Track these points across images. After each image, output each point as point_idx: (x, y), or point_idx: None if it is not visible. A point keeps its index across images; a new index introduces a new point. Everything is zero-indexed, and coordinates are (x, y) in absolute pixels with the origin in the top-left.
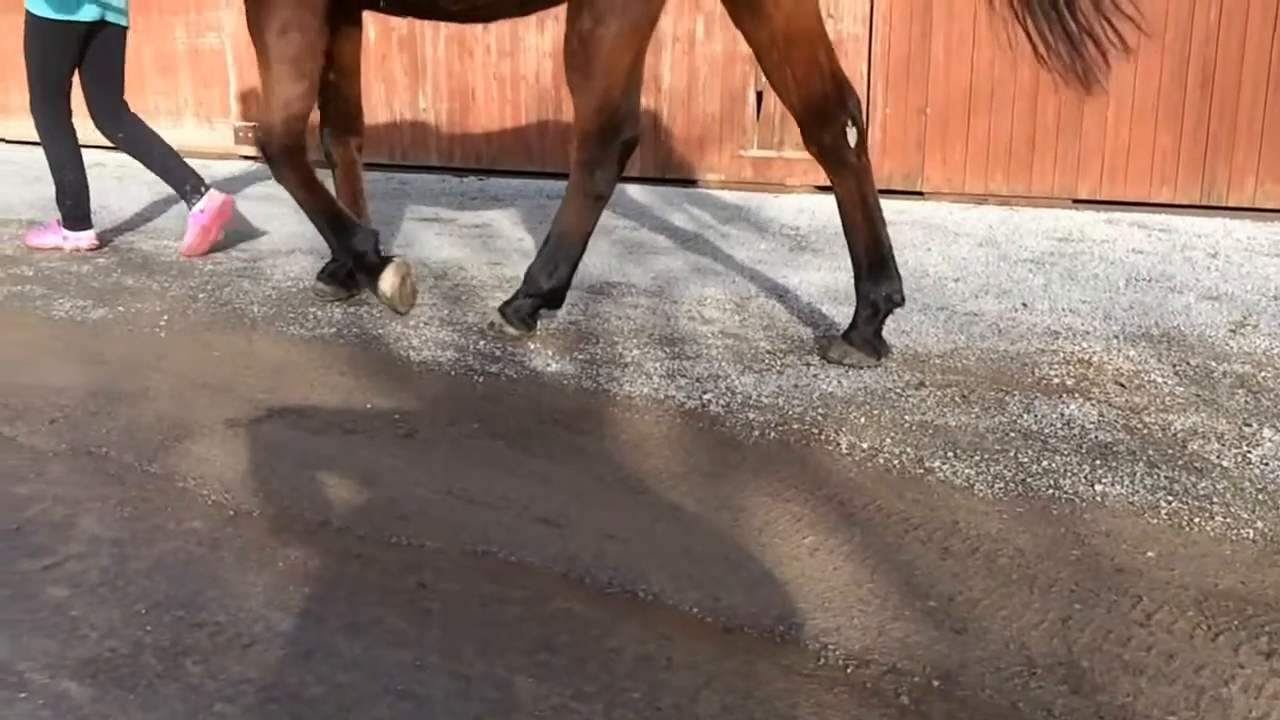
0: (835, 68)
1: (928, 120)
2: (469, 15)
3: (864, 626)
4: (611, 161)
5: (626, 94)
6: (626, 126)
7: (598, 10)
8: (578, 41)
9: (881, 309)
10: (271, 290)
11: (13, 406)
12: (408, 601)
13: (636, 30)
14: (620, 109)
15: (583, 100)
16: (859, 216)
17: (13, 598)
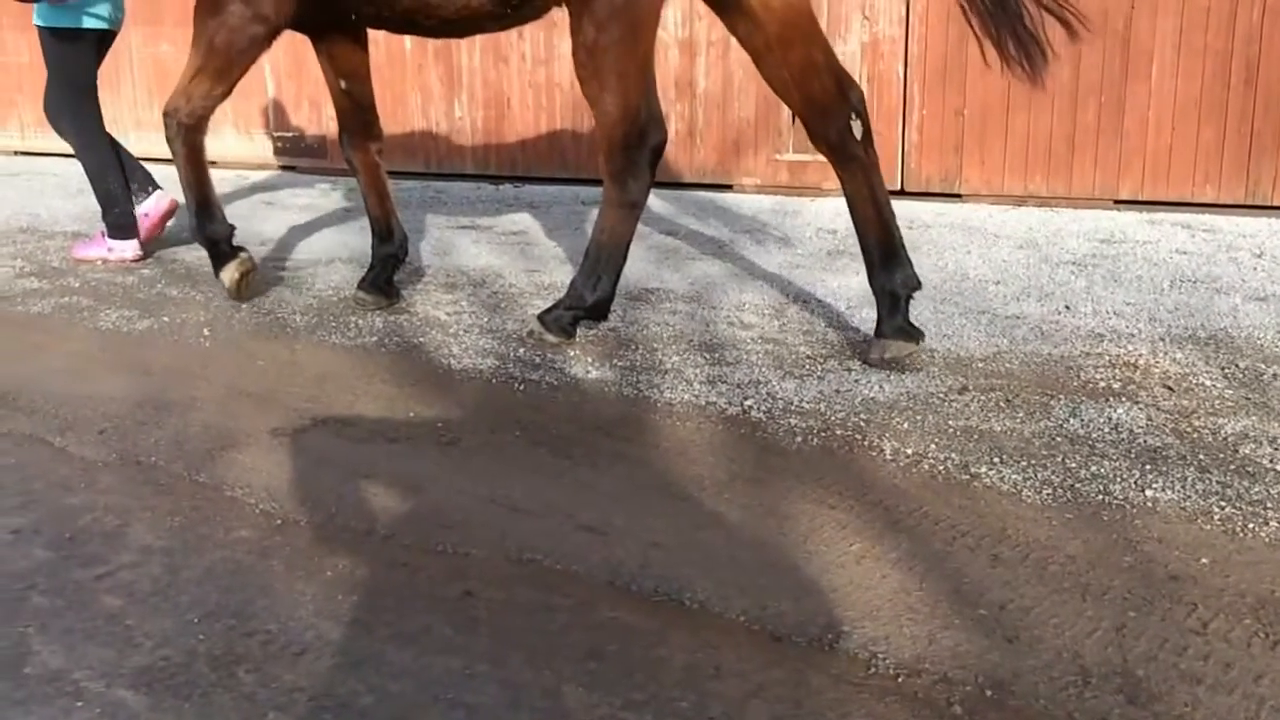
0: (833, 63)
1: (965, 121)
2: (443, 30)
3: (914, 635)
4: (642, 168)
5: (645, 96)
6: (652, 131)
7: (598, 18)
8: (585, 53)
9: (901, 296)
10: (312, 300)
11: (63, 417)
12: (455, 610)
13: (640, 29)
14: (641, 113)
15: (603, 111)
16: (870, 211)
17: (68, 606)
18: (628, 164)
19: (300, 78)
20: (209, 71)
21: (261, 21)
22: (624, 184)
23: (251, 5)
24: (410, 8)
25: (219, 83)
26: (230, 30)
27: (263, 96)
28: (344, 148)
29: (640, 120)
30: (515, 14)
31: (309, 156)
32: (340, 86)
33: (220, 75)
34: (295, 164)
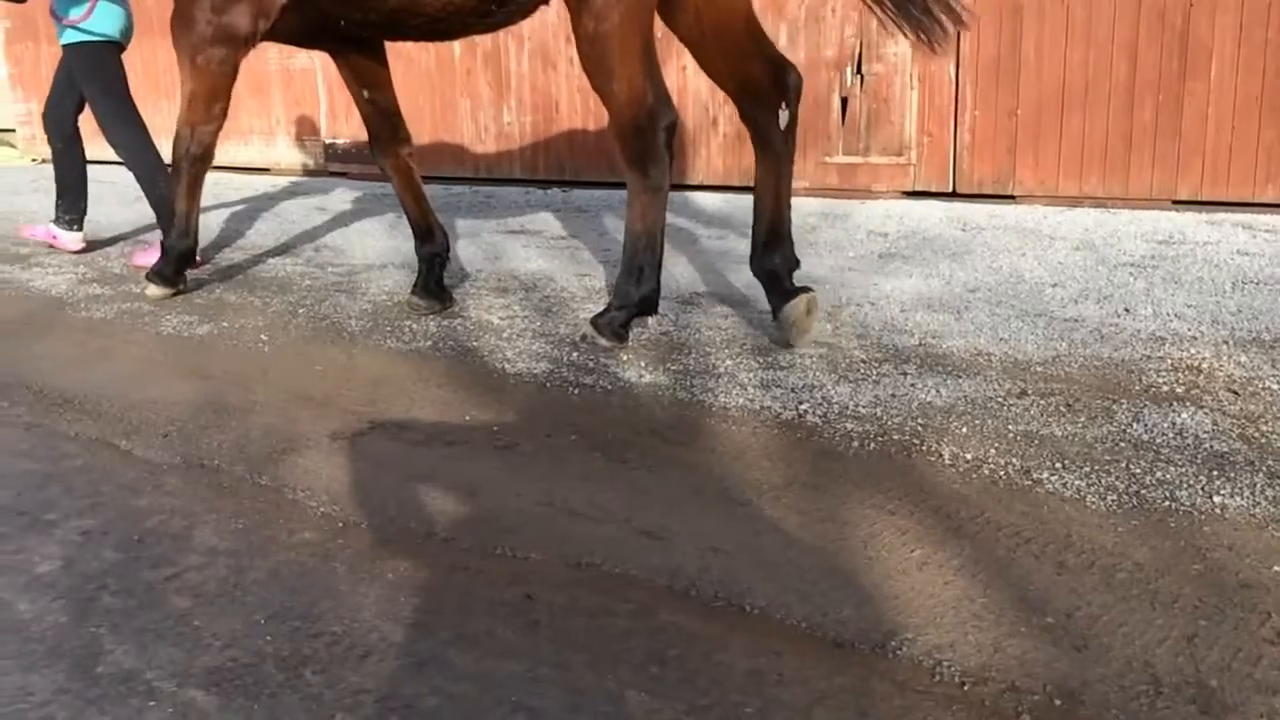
0: (769, 50)
1: (1019, 121)
2: (431, 30)
3: (979, 643)
4: (659, 150)
5: (650, 79)
6: (661, 111)
7: (595, 9)
8: (588, 45)
9: (781, 270)
10: (367, 305)
11: (128, 420)
12: (516, 613)
13: (636, 16)
14: (648, 95)
15: (612, 99)
16: (770, 201)
17: (139, 606)
18: (644, 148)
19: None
20: (201, 94)
21: (232, 39)
22: (644, 169)
23: (223, 22)
24: (396, 8)
25: (213, 101)
26: (207, 48)
27: (315, 104)
28: (375, 155)
29: (648, 103)
30: (501, 11)
31: (360, 163)
32: (364, 96)
33: (212, 94)
34: (346, 170)
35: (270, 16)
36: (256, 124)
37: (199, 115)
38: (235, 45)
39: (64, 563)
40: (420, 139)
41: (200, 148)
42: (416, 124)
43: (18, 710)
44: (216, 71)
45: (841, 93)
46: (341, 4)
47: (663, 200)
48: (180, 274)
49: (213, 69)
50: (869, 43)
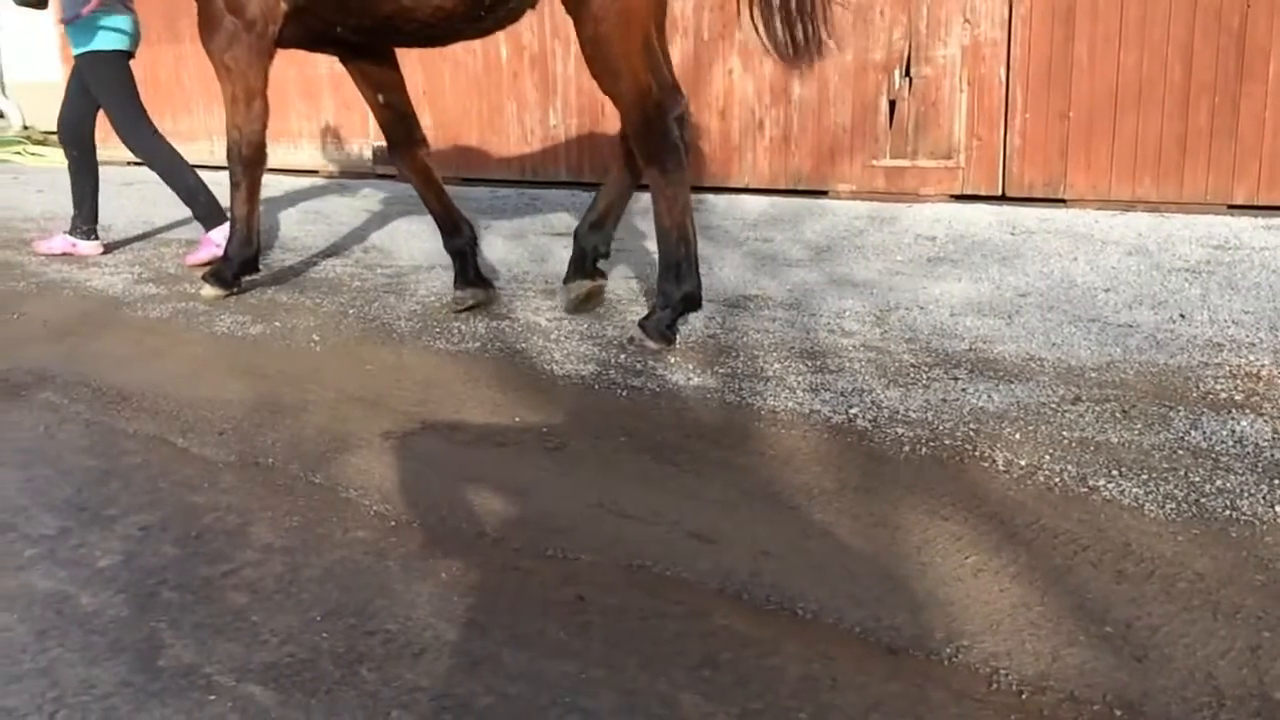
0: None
1: (1070, 124)
2: (422, 35)
3: (1037, 651)
4: (672, 140)
5: (653, 73)
6: (669, 102)
7: (594, 11)
8: (590, 47)
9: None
10: (416, 305)
11: (184, 418)
12: (568, 614)
13: (634, 12)
14: (654, 88)
15: (619, 98)
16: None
17: (197, 602)
18: (657, 140)
19: None
20: (238, 94)
21: (252, 28)
22: (661, 162)
23: (241, 16)
24: (388, 14)
25: (251, 98)
26: (231, 46)
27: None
28: (393, 158)
29: (654, 95)
30: (490, 17)
31: None
32: (378, 100)
33: (248, 92)
34: (394, 173)
35: (276, 21)
36: (306, 127)
37: (241, 115)
38: (256, 40)
39: (124, 557)
40: (467, 142)
41: (251, 148)
42: (463, 127)
43: (81, 702)
44: (246, 68)
45: (889, 96)
46: (337, 11)
47: (685, 192)
48: (238, 278)
49: (242, 66)
50: (918, 45)
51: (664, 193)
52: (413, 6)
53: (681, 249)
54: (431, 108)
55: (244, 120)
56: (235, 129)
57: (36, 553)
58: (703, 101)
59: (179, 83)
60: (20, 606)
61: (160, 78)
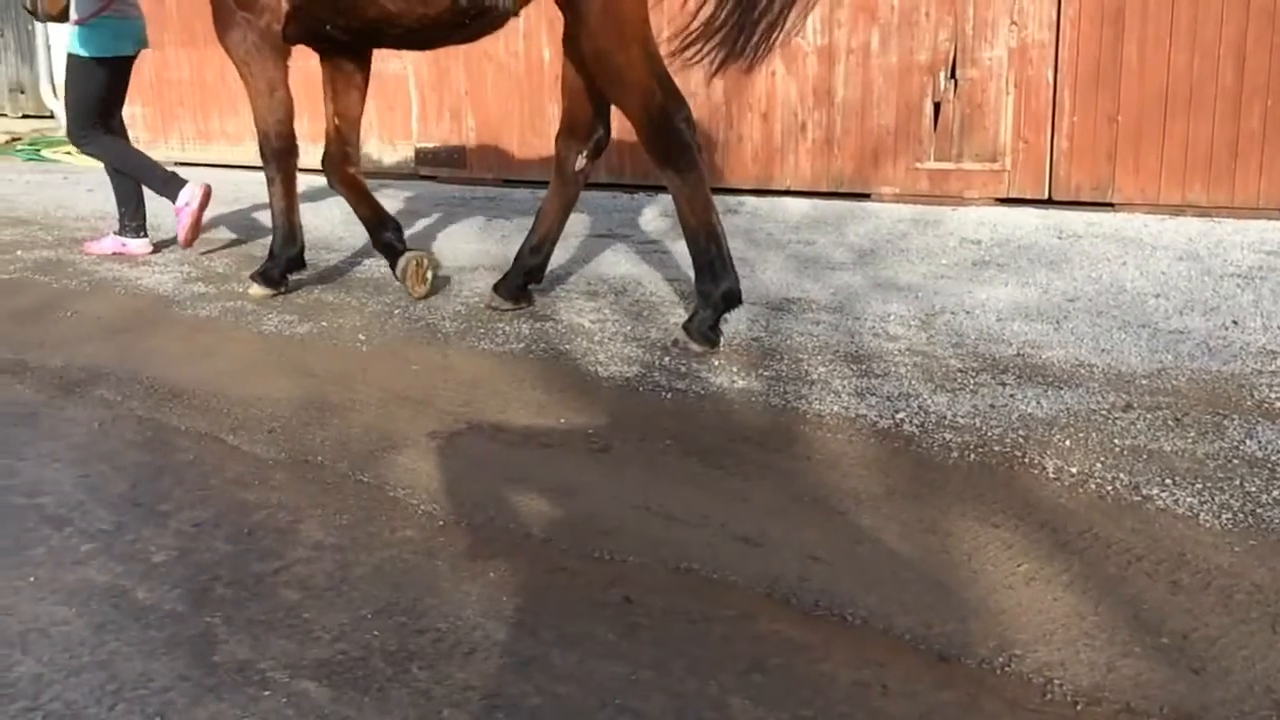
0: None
1: (1119, 127)
2: (409, 40)
3: (1091, 662)
4: (683, 141)
5: (654, 78)
6: (672, 105)
7: (590, 28)
8: (592, 62)
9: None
10: (460, 306)
11: (234, 416)
12: (615, 616)
13: (631, 22)
14: (656, 93)
15: (627, 106)
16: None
17: (250, 598)
18: (667, 142)
19: (442, 90)
20: (259, 87)
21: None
22: (675, 164)
23: (250, 12)
24: (375, 18)
25: (271, 90)
26: (245, 40)
27: (407, 108)
28: (326, 172)
29: (658, 99)
30: (474, 24)
31: (449, 166)
32: (335, 123)
33: (268, 85)
34: (436, 174)
35: (280, 18)
36: None
37: (265, 107)
38: (267, 35)
39: (179, 553)
40: (509, 144)
41: (280, 139)
42: (506, 129)
43: (139, 695)
44: (263, 62)
45: (934, 98)
46: (329, 11)
47: (704, 189)
48: (285, 277)
49: (259, 61)
50: (964, 47)
51: (683, 193)
52: (398, 13)
53: (712, 247)
54: (474, 109)
55: (268, 112)
56: (262, 122)
57: (93, 547)
58: (745, 104)
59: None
60: (79, 601)
61: (206, 79)
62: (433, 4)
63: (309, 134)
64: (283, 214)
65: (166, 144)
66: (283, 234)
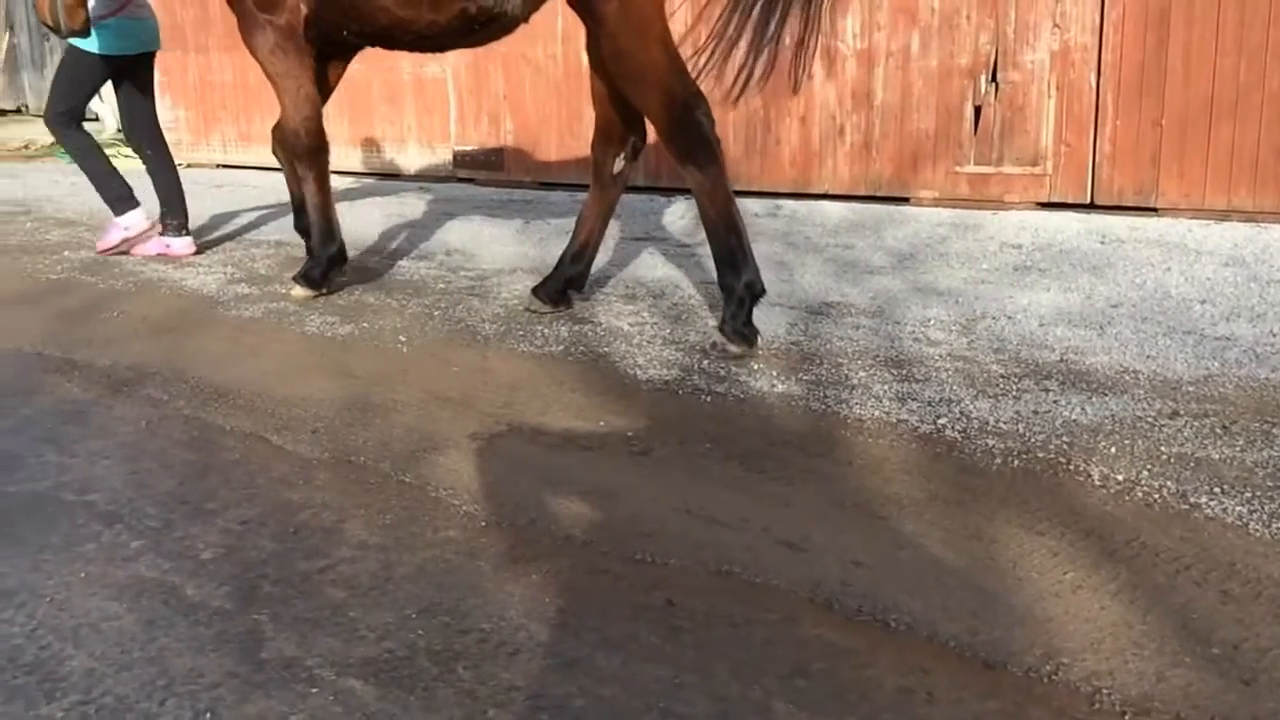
0: None
1: (1163, 132)
2: (419, 45)
3: (1140, 671)
4: (704, 136)
5: (676, 76)
6: (694, 102)
7: (609, 29)
8: (612, 63)
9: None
10: (500, 309)
11: (278, 416)
12: (658, 619)
13: (649, 22)
14: (678, 89)
15: (648, 105)
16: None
17: (297, 595)
18: (689, 138)
19: (481, 95)
20: (286, 86)
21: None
22: (696, 159)
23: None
24: (387, 25)
25: (298, 87)
26: (269, 40)
27: (445, 111)
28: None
29: (680, 97)
30: (484, 30)
31: (487, 169)
32: None
33: (295, 83)
34: (474, 176)
35: (300, 22)
36: (389, 130)
37: (292, 105)
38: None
39: (226, 550)
40: (547, 147)
41: (310, 136)
42: (544, 133)
43: (190, 691)
44: (288, 62)
45: (975, 101)
46: (344, 18)
47: (725, 183)
48: (327, 277)
49: (284, 61)
50: (1005, 50)
51: (704, 187)
52: (409, 20)
53: (733, 239)
54: (512, 112)
55: (295, 110)
56: (291, 120)
57: (143, 544)
58: (782, 107)
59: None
60: (129, 596)
61: (249, 82)
62: (443, 11)
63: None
64: (318, 210)
65: (209, 146)
66: (320, 231)
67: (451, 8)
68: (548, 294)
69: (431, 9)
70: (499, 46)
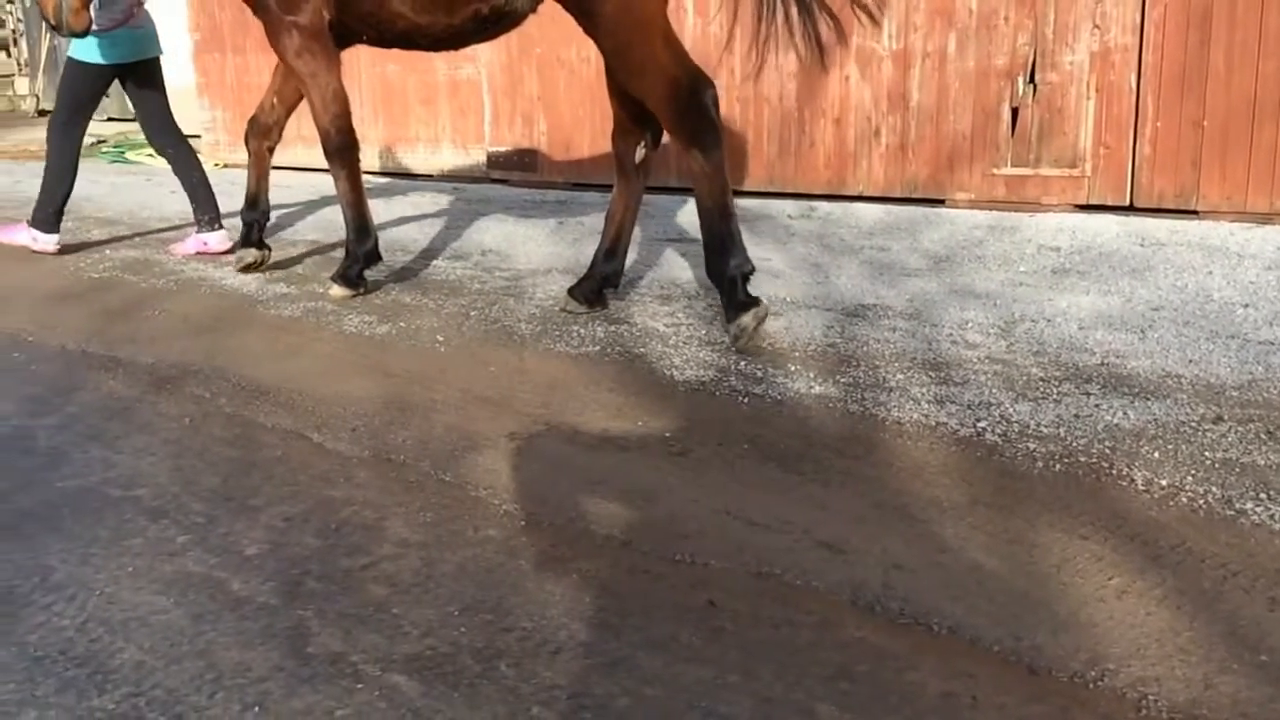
0: None
1: (1204, 134)
2: (436, 46)
3: (1187, 678)
4: (708, 119)
5: (680, 64)
6: (700, 87)
7: (606, 27)
8: (613, 59)
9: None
10: (535, 309)
11: (318, 414)
12: (699, 619)
13: (648, 14)
14: (681, 76)
15: (651, 93)
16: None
17: (340, 592)
18: (694, 122)
19: (515, 96)
20: (316, 86)
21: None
22: (701, 143)
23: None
24: (405, 30)
25: (326, 87)
26: (296, 43)
27: (479, 113)
28: (248, 137)
29: (685, 83)
30: (496, 26)
31: (520, 170)
32: (272, 100)
33: (325, 84)
34: (508, 177)
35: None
36: (424, 131)
37: (320, 104)
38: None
39: (270, 547)
40: (580, 148)
41: (339, 134)
42: (577, 134)
43: (238, 685)
44: (317, 62)
45: (1012, 103)
46: (364, 25)
47: (725, 170)
48: (363, 276)
49: (312, 63)
50: (1044, 51)
51: (705, 172)
52: (426, 25)
53: (725, 224)
54: (546, 113)
55: (324, 109)
56: (321, 119)
57: (188, 539)
58: (817, 109)
59: None
60: (176, 591)
61: None
62: (457, 14)
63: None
64: (352, 207)
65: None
66: (354, 227)
67: (465, 10)
68: (583, 294)
69: (447, 13)
70: (533, 48)
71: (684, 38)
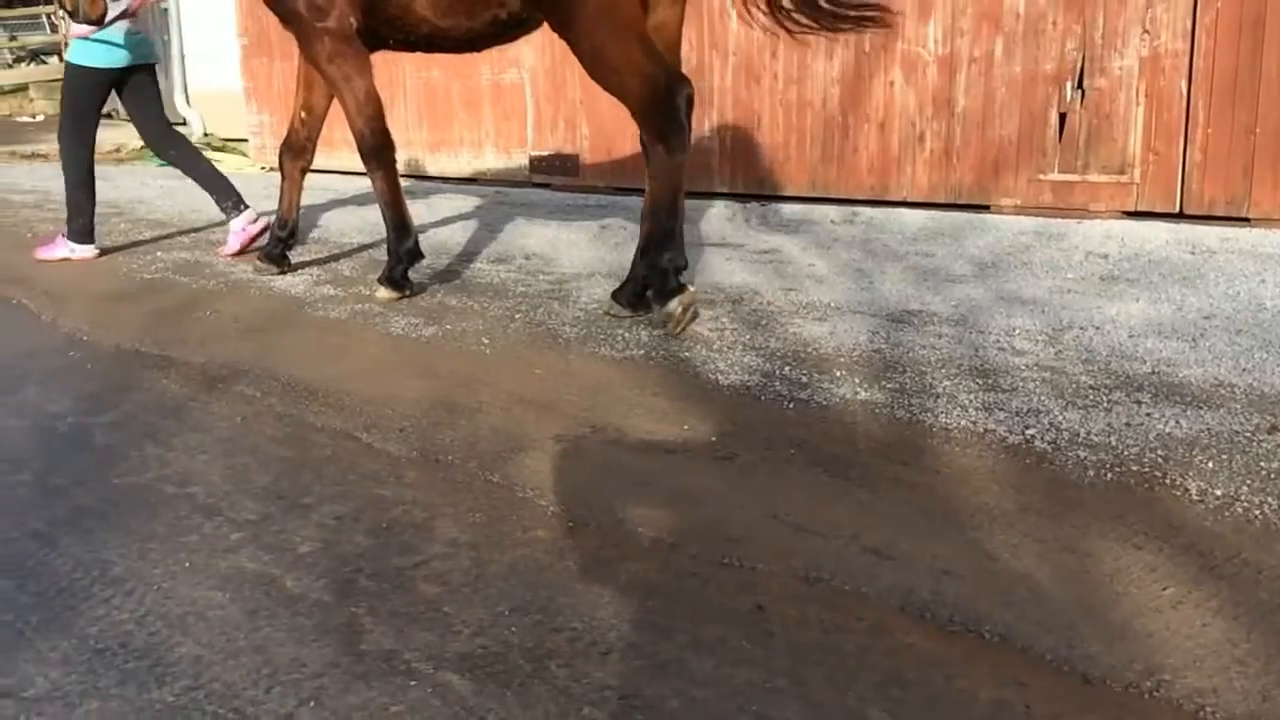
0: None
1: (1257, 141)
2: (457, 48)
3: (1245, 690)
4: (678, 121)
5: (657, 64)
6: (677, 86)
7: (581, 29)
8: (589, 61)
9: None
10: (580, 312)
11: (367, 415)
12: (748, 623)
13: (623, 17)
14: (659, 77)
15: (627, 92)
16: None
17: (392, 590)
18: (664, 120)
19: (558, 100)
20: (349, 89)
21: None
22: (667, 140)
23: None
24: (428, 34)
25: (358, 90)
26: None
27: (522, 117)
28: (283, 157)
29: (661, 82)
30: (515, 31)
31: (563, 174)
32: (301, 115)
33: (358, 87)
34: (550, 181)
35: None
36: (467, 136)
37: (355, 108)
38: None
39: (322, 544)
40: (622, 152)
41: (375, 136)
42: (619, 139)
43: (294, 680)
44: (348, 66)
45: (1060, 108)
46: (389, 29)
47: (683, 170)
48: (408, 277)
49: (345, 66)
50: (1092, 57)
51: (664, 169)
52: (448, 29)
53: (672, 221)
54: (588, 118)
55: (358, 111)
56: (356, 121)
57: (242, 536)
58: (861, 114)
59: None
60: (231, 587)
61: None
62: (477, 19)
63: (428, 142)
64: (390, 206)
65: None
66: (394, 226)
67: (485, 15)
68: (626, 298)
69: (468, 17)
70: None
71: (728, 43)
